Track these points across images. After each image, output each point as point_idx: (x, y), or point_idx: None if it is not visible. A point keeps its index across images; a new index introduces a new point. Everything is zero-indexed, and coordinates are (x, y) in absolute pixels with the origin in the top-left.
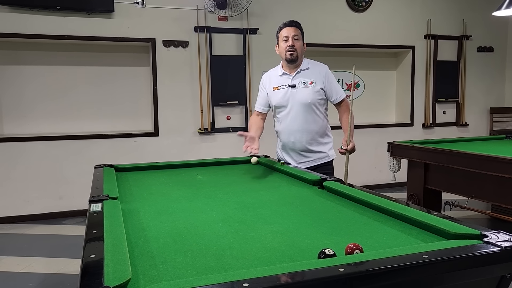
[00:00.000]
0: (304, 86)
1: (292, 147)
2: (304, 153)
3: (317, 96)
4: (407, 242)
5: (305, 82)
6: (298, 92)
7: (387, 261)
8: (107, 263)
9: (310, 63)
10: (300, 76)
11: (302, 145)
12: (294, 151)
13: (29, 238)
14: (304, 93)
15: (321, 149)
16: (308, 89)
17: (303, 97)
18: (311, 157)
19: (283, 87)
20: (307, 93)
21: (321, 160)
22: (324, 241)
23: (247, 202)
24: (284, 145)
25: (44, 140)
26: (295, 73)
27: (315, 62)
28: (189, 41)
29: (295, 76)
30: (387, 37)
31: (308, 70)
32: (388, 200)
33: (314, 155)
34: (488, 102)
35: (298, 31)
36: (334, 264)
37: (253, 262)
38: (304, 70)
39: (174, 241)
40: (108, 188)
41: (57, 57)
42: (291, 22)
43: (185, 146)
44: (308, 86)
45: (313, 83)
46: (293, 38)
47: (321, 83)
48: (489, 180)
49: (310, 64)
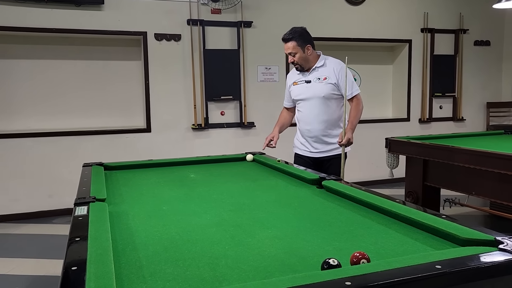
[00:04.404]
0: (318, 82)
1: (308, 135)
2: (317, 143)
3: (331, 91)
4: (415, 248)
5: (319, 78)
6: (313, 86)
7: (397, 273)
8: (89, 277)
9: (327, 59)
10: (315, 72)
11: (316, 134)
12: (310, 138)
13: (17, 238)
14: (318, 87)
15: (334, 140)
16: (322, 84)
17: (318, 91)
18: (324, 148)
19: (301, 82)
20: (321, 87)
21: (333, 152)
22: (326, 248)
23: (242, 204)
24: (301, 132)
25: (32, 137)
26: (311, 70)
27: (332, 59)
28: (182, 35)
29: (311, 72)
30: (383, 30)
31: (323, 67)
32: (392, 202)
33: (327, 146)
34: (484, 96)
35: (293, 44)
36: (340, 277)
37: (250, 272)
38: (320, 67)
39: (165, 248)
40: (96, 189)
41: (45, 51)
42: (284, 38)
43: (178, 142)
44: (322, 81)
45: (327, 78)
46: (291, 54)
47: (334, 78)
48: (490, 177)
49: (326, 61)
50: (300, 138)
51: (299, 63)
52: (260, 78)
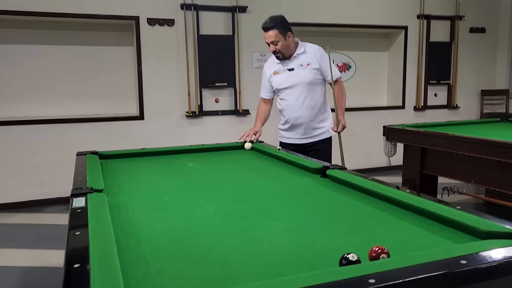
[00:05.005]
0: (302, 68)
1: (295, 123)
2: (306, 129)
3: (315, 76)
4: (432, 241)
5: (302, 65)
6: (296, 73)
7: (422, 269)
8: (94, 276)
9: (305, 46)
10: (296, 59)
11: (304, 120)
12: (297, 126)
13: (7, 228)
14: (302, 73)
15: (322, 125)
16: (306, 70)
17: (302, 78)
18: (312, 133)
19: (282, 71)
20: (306, 73)
21: (321, 136)
22: (340, 241)
23: (246, 194)
24: (288, 120)
25: (22, 124)
26: (292, 58)
27: (310, 45)
28: (175, 19)
29: (292, 60)
30: (379, 16)
31: (304, 53)
32: (403, 192)
33: (315, 131)
34: (479, 84)
35: (274, 32)
36: (362, 274)
37: (264, 268)
38: (300, 54)
39: (170, 242)
40: (92, 178)
41: (34, 35)
42: (265, 27)
43: (172, 130)
44: (306, 67)
45: (310, 64)
46: (272, 43)
47: (316, 63)
48: (490, 165)
49: (305, 47)
50: (286, 126)
51: (281, 51)
52: (255, 64)
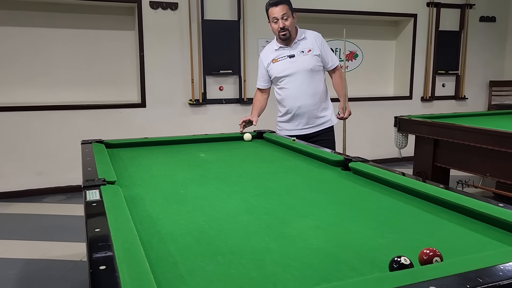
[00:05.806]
0: (303, 55)
1: (298, 112)
2: (309, 118)
3: (316, 62)
4: (478, 241)
5: (303, 51)
6: (298, 60)
7: (484, 275)
8: (124, 279)
9: (305, 32)
10: (297, 46)
11: (308, 109)
12: (299, 116)
13: (6, 218)
14: (304, 60)
15: (324, 113)
16: (307, 56)
17: (304, 64)
18: (315, 122)
19: (282, 58)
20: (307, 60)
21: (324, 125)
22: (379, 240)
23: (267, 187)
24: (289, 111)
25: (20, 111)
26: (293, 44)
27: (309, 31)
28: (179, 3)
29: (293, 46)
30: (387, 4)
31: (304, 39)
32: (437, 187)
33: (318, 120)
34: (487, 75)
35: (285, 8)
36: (420, 280)
37: (304, 271)
38: (301, 40)
39: (196, 240)
40: (103, 169)
41: (32, 18)
42: (274, 2)
43: (175, 118)
44: (307, 54)
45: (311, 50)
46: (282, 18)
47: (317, 50)
48: (507, 158)
49: (305, 34)
50: (286, 117)
51: (289, 29)
52: (261, 51)
